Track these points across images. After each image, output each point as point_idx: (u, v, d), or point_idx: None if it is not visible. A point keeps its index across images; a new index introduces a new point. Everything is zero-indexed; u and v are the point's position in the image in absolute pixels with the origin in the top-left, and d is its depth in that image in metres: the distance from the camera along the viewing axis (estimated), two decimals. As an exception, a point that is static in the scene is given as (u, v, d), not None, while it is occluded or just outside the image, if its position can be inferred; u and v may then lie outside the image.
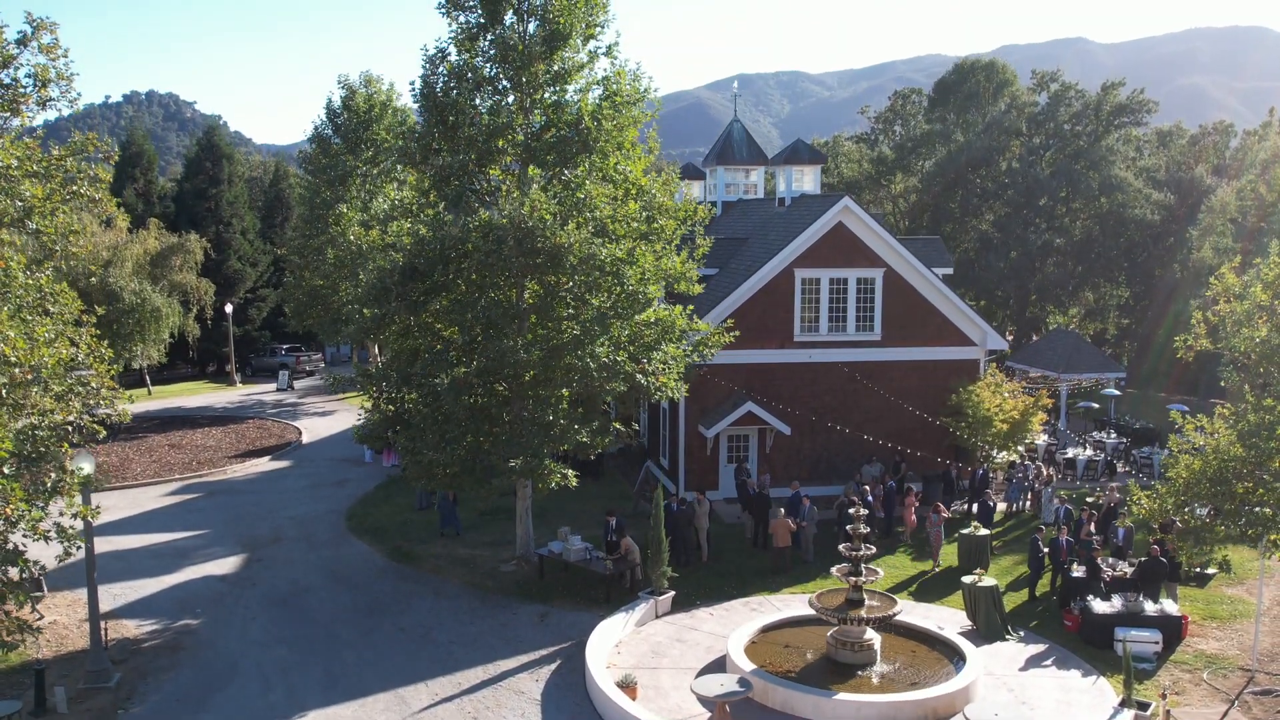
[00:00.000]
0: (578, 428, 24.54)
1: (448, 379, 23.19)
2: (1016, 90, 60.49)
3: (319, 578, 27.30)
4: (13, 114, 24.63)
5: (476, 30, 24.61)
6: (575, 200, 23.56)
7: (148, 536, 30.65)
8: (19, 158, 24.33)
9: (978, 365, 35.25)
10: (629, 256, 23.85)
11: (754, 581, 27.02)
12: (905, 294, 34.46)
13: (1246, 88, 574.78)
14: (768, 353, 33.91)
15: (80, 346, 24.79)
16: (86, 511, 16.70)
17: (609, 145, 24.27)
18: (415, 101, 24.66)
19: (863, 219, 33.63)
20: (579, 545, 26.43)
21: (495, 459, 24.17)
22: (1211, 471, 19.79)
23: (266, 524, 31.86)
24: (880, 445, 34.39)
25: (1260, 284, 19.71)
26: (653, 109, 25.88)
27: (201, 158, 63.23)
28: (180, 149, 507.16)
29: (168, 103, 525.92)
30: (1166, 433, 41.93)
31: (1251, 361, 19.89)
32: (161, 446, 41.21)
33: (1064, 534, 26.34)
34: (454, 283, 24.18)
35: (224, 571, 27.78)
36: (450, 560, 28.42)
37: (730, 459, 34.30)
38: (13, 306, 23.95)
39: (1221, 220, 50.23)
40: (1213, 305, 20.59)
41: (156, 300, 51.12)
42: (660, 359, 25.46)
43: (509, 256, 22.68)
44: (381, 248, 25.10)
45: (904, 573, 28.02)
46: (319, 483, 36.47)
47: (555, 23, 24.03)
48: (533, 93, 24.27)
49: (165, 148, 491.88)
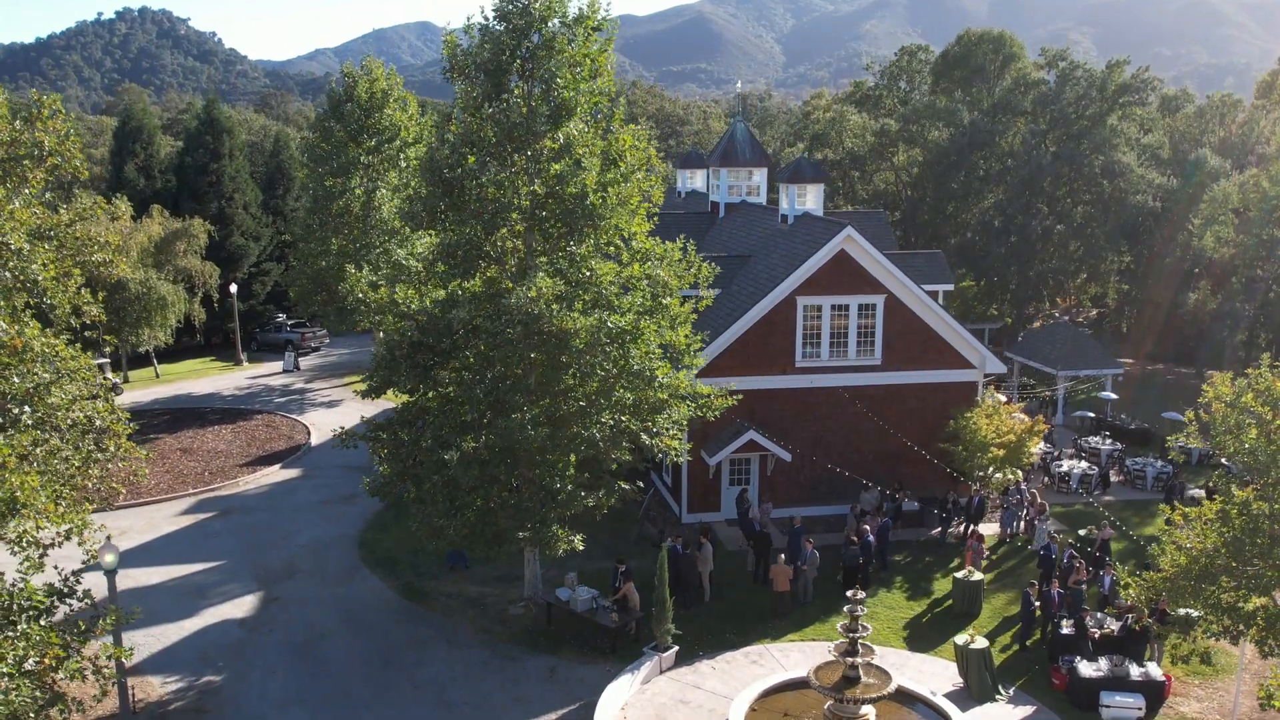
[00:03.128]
0: (584, 494, 25.24)
1: (457, 455, 23.79)
2: (1023, 67, 59.93)
3: (334, 620, 28.24)
4: (21, 184, 24.97)
5: (481, 99, 24.68)
6: (580, 278, 23.89)
7: (166, 569, 31.53)
8: (30, 232, 24.72)
9: (976, 388, 35.81)
10: (634, 330, 24.25)
11: (755, 626, 27.97)
12: (906, 318, 34.88)
13: (1257, 1, 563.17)
14: (770, 379, 34.46)
15: (100, 410, 25.47)
16: (121, 653, 17.42)
17: (614, 220, 24.52)
18: (421, 174, 24.86)
19: (864, 247, 33.90)
20: (585, 596, 27.31)
21: (504, 524, 24.93)
22: (1198, 570, 20.49)
23: (280, 552, 32.73)
24: (880, 468, 35.14)
25: (1251, 393, 20.19)
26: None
27: (201, 131, 62.91)
28: (175, 66, 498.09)
29: (161, 20, 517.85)
30: (1161, 436, 42.97)
31: (1240, 465, 20.46)
32: (174, 452, 41.95)
33: (1055, 586, 27.21)
34: (462, 354, 24.66)
35: (242, 614, 28.71)
36: (460, 600, 29.34)
37: (732, 481, 35.07)
38: (31, 384, 24.52)
39: (1224, 210, 50.29)
40: (1206, 409, 21.10)
41: (163, 289, 51.45)
42: (664, 422, 26.03)
43: (515, 340, 23.13)
44: (391, 310, 25.46)
45: (899, 613, 28.96)
46: (329, 497, 37.27)
47: (560, 96, 24.11)
48: (536, 162, 24.41)
49: (159, 66, 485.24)
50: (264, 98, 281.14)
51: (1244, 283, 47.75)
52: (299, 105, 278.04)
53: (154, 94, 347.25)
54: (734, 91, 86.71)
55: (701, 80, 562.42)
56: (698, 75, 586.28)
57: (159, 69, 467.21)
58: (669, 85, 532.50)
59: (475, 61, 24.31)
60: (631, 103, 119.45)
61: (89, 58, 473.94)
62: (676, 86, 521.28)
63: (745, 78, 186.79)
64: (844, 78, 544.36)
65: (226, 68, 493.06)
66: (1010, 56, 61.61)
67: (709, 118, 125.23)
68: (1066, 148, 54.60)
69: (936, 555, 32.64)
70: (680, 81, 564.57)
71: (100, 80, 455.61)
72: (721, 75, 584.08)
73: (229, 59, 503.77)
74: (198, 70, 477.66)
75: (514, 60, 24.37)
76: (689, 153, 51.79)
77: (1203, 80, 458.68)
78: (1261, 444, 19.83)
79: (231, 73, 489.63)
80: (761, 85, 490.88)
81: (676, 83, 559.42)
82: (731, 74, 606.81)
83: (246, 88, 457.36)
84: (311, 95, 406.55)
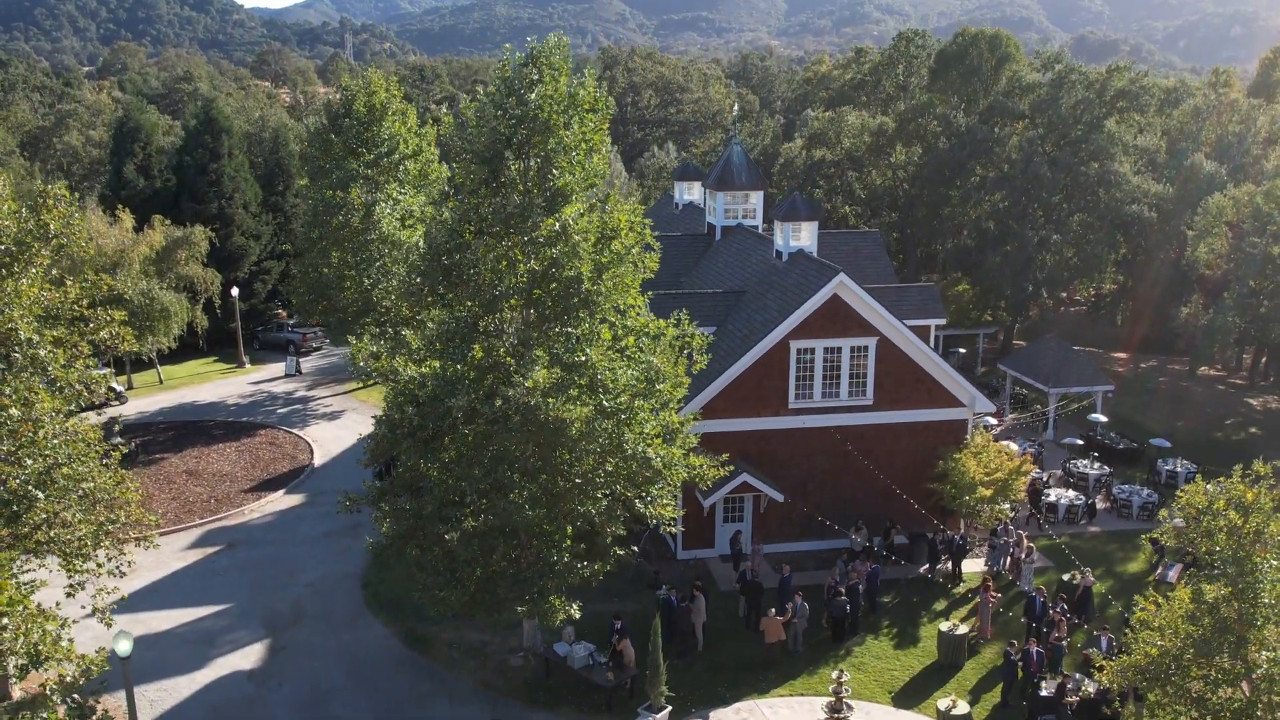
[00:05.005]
0: (581, 565, 26.10)
1: (456, 535, 24.60)
2: (1018, 69, 59.87)
3: (340, 673, 29.26)
4: (29, 265, 25.61)
5: (478, 183, 25.14)
6: (575, 361, 24.50)
7: (175, 613, 32.51)
8: (40, 314, 25.38)
9: (966, 425, 36.56)
10: (629, 410, 24.93)
11: (745, 679, 29.01)
12: (897, 359, 35.53)
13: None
14: (763, 420, 35.21)
15: (109, 482, 26.28)
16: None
17: (609, 305, 25.11)
18: (420, 255, 25.41)
19: (856, 292, 34.47)
20: (582, 653, 28.28)
21: (503, 594, 25.82)
22: (1168, 661, 21.36)
23: (286, 593, 33.68)
24: (872, 504, 36.02)
25: (1224, 499, 20.92)
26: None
27: (200, 131, 63.00)
28: (171, 17, 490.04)
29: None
30: (1150, 459, 43.81)
31: (1211, 564, 21.26)
32: (180, 475, 42.79)
33: (1034, 645, 28.16)
34: (461, 431, 25.36)
35: (250, 665, 29.71)
36: (462, 649, 30.35)
37: (727, 518, 35.95)
38: (45, 464, 25.33)
39: (1217, 223, 50.66)
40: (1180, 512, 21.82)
41: (165, 299, 51.99)
42: (659, 491, 26.82)
43: (514, 428, 23.83)
44: (390, 378, 26.17)
45: (886, 664, 29.96)
46: (332, 529, 38.14)
47: (556, 184, 24.57)
48: (534, 245, 24.92)
49: (155, 16, 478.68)
50: (261, 56, 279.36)
51: (1236, 298, 48.26)
52: (297, 61, 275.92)
53: (150, 46, 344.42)
54: (736, 50, 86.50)
55: (702, 29, 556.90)
56: (698, 24, 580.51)
57: (155, 19, 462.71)
58: (669, 34, 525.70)
59: (472, 149, 24.72)
60: (631, 70, 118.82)
61: (83, 7, 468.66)
62: (677, 35, 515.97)
63: (746, 26, 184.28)
64: (846, 27, 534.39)
65: (223, 17, 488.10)
66: (1005, 56, 61.53)
67: (709, 82, 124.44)
68: (1063, 155, 54.78)
69: (923, 595, 33.57)
70: (680, 30, 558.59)
71: (96, 30, 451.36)
72: (722, 24, 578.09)
73: (225, 8, 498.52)
74: (194, 20, 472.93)
75: (509, 145, 24.78)
76: (686, 165, 52.02)
77: (1210, 30, 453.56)
78: (1230, 548, 20.59)
79: (228, 22, 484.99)
80: (764, 36, 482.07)
81: (677, 31, 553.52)
82: (732, 22, 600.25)
83: (243, 38, 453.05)
84: (309, 46, 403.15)
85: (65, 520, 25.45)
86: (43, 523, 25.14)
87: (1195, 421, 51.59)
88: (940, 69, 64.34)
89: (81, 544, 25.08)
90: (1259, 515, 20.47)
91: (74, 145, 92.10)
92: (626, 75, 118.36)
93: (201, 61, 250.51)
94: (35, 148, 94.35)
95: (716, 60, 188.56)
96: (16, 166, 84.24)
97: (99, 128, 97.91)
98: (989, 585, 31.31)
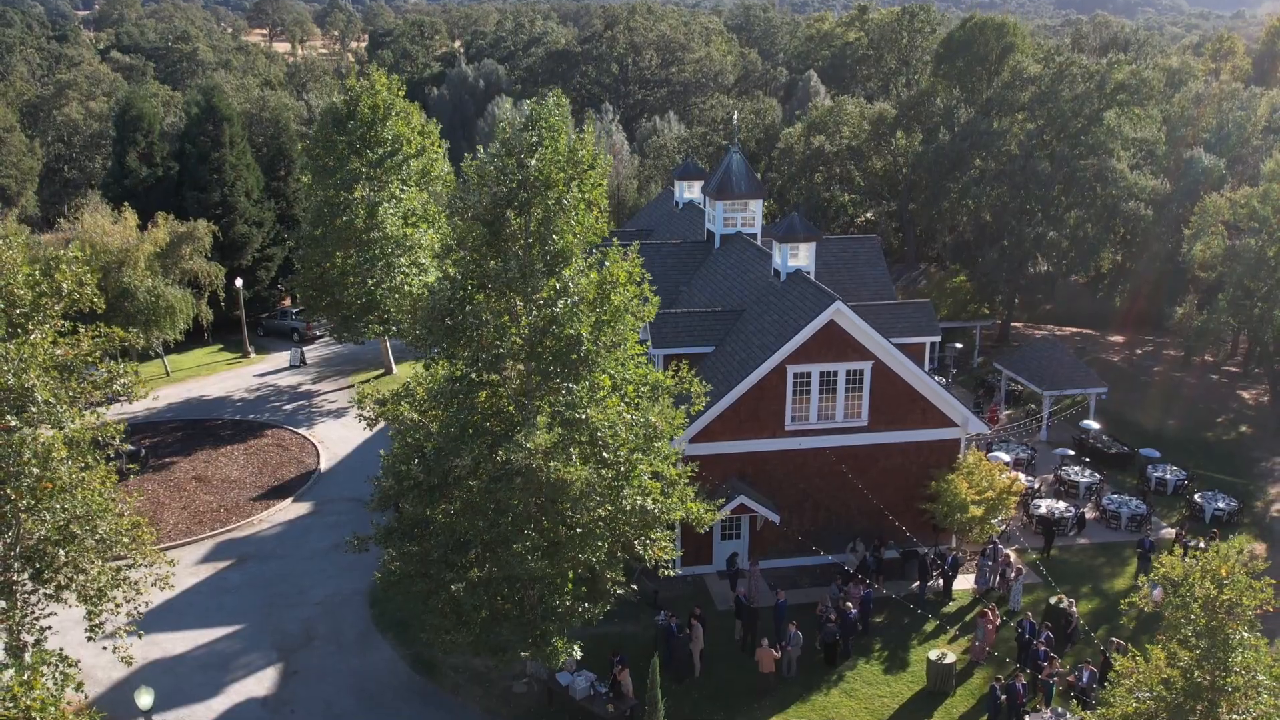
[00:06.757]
0: (583, 607, 27.08)
1: (462, 587, 25.53)
2: (1021, 61, 59.69)
3: (350, 700, 30.40)
4: (43, 320, 26.35)
5: (481, 243, 25.67)
6: (574, 418, 25.19)
7: (189, 635, 33.56)
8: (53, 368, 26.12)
9: (959, 445, 37.36)
10: (629, 465, 25.72)
11: (741, 707, 30.15)
12: (892, 382, 36.23)
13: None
14: (760, 442, 36.03)
15: (124, 527, 27.20)
16: None
17: (607, 362, 25.78)
18: (422, 318, 26.04)
19: (851, 318, 35.08)
20: (583, 684, 29.37)
21: (507, 637, 26.84)
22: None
23: (297, 613, 34.74)
24: (866, 522, 36.97)
25: (1199, 570, 21.76)
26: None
27: (202, 119, 63.04)
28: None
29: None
30: (1142, 465, 44.61)
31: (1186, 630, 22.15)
32: (189, 482, 43.71)
33: (1020, 679, 29.20)
34: (466, 484, 26.19)
35: (264, 691, 30.85)
36: (468, 675, 31.46)
37: (724, 536, 36.92)
38: (65, 518, 26.21)
39: (1214, 222, 50.98)
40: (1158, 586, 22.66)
41: (171, 296, 52.60)
42: (657, 535, 27.70)
43: (516, 487, 24.66)
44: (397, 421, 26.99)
45: (876, 690, 31.05)
46: (341, 541, 38.94)
47: (556, 246, 25.12)
48: (534, 305, 25.54)
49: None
50: (258, 3, 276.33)
51: (1231, 299, 48.72)
52: (295, 7, 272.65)
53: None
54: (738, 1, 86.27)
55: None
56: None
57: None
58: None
59: (474, 212, 25.21)
60: (632, 30, 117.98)
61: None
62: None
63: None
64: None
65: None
66: (1009, 46, 61.33)
67: (710, 37, 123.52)
68: (1061, 150, 54.98)
69: (914, 616, 34.56)
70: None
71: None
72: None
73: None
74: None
75: (510, 205, 25.27)
76: (686, 165, 52.20)
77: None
78: (1205, 618, 21.48)
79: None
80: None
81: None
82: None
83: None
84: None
85: (83, 567, 26.44)
86: (63, 566, 26.15)
87: (1187, 420, 52.35)
88: (946, 55, 64.13)
89: (100, 592, 26.07)
90: (1232, 589, 21.33)
91: (74, 118, 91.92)
92: (628, 34, 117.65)
93: (199, 11, 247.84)
94: (35, 118, 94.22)
95: (718, 11, 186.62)
96: (17, 143, 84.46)
97: (99, 98, 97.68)
98: (986, 614, 32.17)
